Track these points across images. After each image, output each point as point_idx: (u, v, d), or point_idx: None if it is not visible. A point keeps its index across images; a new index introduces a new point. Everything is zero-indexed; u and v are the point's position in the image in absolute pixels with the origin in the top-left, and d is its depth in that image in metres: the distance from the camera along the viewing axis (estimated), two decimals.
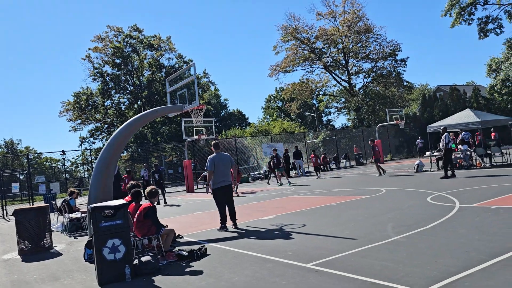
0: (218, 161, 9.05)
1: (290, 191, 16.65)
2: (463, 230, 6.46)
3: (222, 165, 9.07)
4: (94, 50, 48.43)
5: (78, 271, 6.73)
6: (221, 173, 9.04)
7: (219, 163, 9.05)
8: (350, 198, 12.05)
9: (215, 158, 9.09)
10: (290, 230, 8.11)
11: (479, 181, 12.89)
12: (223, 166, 9.08)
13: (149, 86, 49.63)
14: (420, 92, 52.65)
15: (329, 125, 74.81)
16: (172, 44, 51.57)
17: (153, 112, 10.96)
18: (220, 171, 9.04)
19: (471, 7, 37.00)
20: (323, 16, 47.04)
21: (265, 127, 55.00)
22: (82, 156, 52.63)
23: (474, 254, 5.12)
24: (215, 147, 9.34)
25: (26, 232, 8.98)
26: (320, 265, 5.38)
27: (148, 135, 48.62)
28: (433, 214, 8.04)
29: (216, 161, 9.04)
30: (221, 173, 9.05)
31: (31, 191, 22.60)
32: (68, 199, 12.04)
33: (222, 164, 9.07)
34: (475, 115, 19.05)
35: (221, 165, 9.05)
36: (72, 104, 48.67)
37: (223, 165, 9.08)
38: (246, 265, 5.85)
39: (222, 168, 9.07)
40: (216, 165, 9.02)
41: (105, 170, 9.25)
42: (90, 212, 5.96)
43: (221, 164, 9.07)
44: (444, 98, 40.79)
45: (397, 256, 5.39)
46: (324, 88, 51.37)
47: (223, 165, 9.09)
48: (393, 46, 46.07)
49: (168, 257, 6.68)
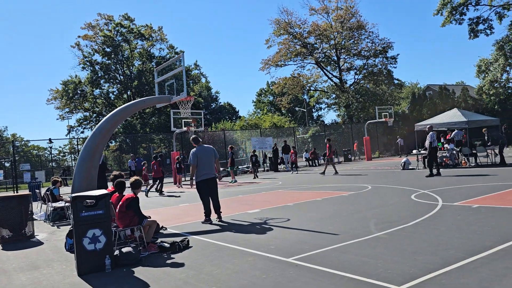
0: (200, 155, 9.04)
1: (277, 185, 16.68)
2: (444, 228, 6.52)
3: (205, 158, 9.05)
4: (84, 38, 47.91)
5: (58, 260, 6.66)
6: (204, 166, 9.02)
7: (202, 156, 9.03)
8: (335, 194, 12.10)
9: (198, 151, 9.07)
10: (274, 224, 8.12)
11: (463, 180, 13.04)
12: (206, 159, 9.06)
13: (139, 76, 49.28)
14: (410, 90, 53.00)
15: (319, 120, 75.03)
16: (163, 35, 51.26)
17: (140, 102, 10.85)
18: (204, 164, 9.01)
19: (463, 7, 37.26)
20: (316, 11, 47.01)
21: (255, 121, 54.97)
22: (70, 145, 52.17)
23: (453, 251, 5.18)
24: (195, 141, 9.37)
25: (7, 220, 8.86)
26: (301, 260, 5.39)
27: (137, 126, 48.33)
28: (416, 212, 8.10)
29: (199, 154, 9.03)
30: (205, 166, 9.02)
31: (15, 179, 22.32)
32: (51, 188, 11.91)
33: (205, 157, 9.05)
34: (462, 115, 19.23)
35: (204, 158, 9.03)
36: (60, 92, 48.12)
37: (206, 158, 9.06)
38: (227, 258, 5.84)
39: (205, 161, 9.04)
40: (199, 158, 9.01)
41: (89, 160, 9.13)
42: (71, 201, 5.89)
43: (204, 157, 9.05)
44: (434, 97, 41.14)
45: (378, 252, 5.42)
46: (315, 83, 51.50)
47: (206, 158, 9.07)
48: (385, 44, 46.26)
49: (150, 248, 6.64)
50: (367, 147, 32.51)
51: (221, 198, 11.94)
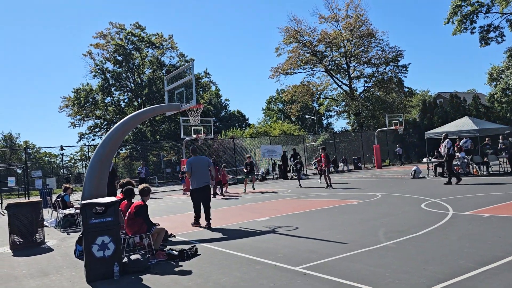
0: (194, 164, 9.67)
1: (286, 194, 16.64)
2: (454, 238, 6.45)
3: (200, 167, 9.67)
4: (95, 46, 48.41)
5: (67, 267, 6.71)
6: (198, 175, 9.63)
7: (196, 165, 9.65)
8: (344, 202, 12.04)
9: (193, 161, 9.74)
10: (283, 233, 8.09)
11: (475, 189, 12.88)
12: (201, 168, 9.67)
13: (149, 84, 49.61)
14: (420, 98, 52.68)
15: (329, 128, 74.83)
16: (174, 43, 51.58)
17: (150, 110, 10.94)
18: (198, 173, 9.63)
19: (473, 15, 37.06)
20: (325, 20, 47.07)
21: (265, 128, 55.00)
22: (81, 152, 52.64)
23: (463, 262, 5.11)
24: (193, 151, 10.10)
25: (18, 227, 8.97)
26: (309, 269, 5.36)
27: (147, 133, 48.62)
28: (426, 221, 8.02)
29: (193, 163, 9.67)
30: (199, 174, 9.63)
31: (27, 186, 22.57)
32: (62, 195, 12.02)
33: (199, 166, 9.67)
34: (473, 123, 19.08)
35: (198, 167, 9.65)
36: (72, 100, 48.61)
37: (200, 167, 9.67)
38: (235, 266, 5.84)
39: (200, 170, 9.65)
40: (193, 167, 9.64)
41: (99, 167, 9.20)
42: (81, 208, 5.95)
43: (198, 166, 9.66)
44: (444, 105, 40.82)
45: (386, 262, 5.38)
46: (325, 91, 51.41)
47: (200, 167, 9.68)
48: (395, 52, 46.09)
49: (158, 256, 6.66)
50: (377, 155, 32.31)
51: (231, 206, 11.93)
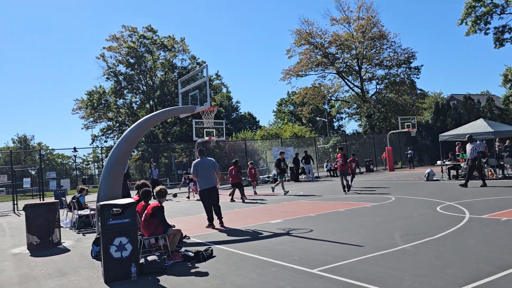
0: (200, 166, 9.94)
1: (299, 196, 16.60)
2: (472, 241, 6.38)
3: (205, 169, 9.92)
4: (108, 49, 48.96)
5: (85, 267, 6.79)
6: (204, 177, 9.88)
7: (201, 168, 9.92)
8: (359, 205, 11.97)
9: (198, 163, 10.03)
10: (297, 235, 8.08)
11: (491, 192, 12.72)
12: (206, 170, 9.92)
13: (161, 86, 49.96)
14: (433, 100, 52.20)
15: (340, 130, 74.52)
16: (185, 46, 51.90)
17: (164, 112, 11.01)
18: (204, 175, 9.88)
19: (487, 16, 36.63)
20: (337, 22, 46.99)
21: (276, 130, 54.96)
22: (93, 154, 53.16)
23: (482, 266, 5.06)
24: (200, 153, 10.30)
25: (36, 227, 9.08)
26: (325, 271, 5.35)
27: (159, 135, 48.92)
28: (442, 224, 7.95)
29: (198, 166, 9.95)
30: (205, 176, 9.88)
31: (42, 187, 22.86)
32: (77, 196, 12.15)
33: (204, 168, 9.92)
34: (488, 125, 18.81)
35: (204, 170, 9.91)
36: (85, 102, 49.19)
37: (206, 169, 9.92)
38: (251, 268, 5.85)
39: (206, 172, 9.90)
40: (199, 169, 9.91)
41: (115, 168, 9.30)
42: (99, 209, 6.01)
43: (204, 168, 9.93)
44: (458, 107, 40.37)
45: (404, 265, 5.34)
46: (336, 93, 51.29)
47: (206, 169, 9.93)
48: (408, 54, 45.79)
49: (174, 257, 6.70)
50: (389, 158, 32.06)
51: (244, 208, 11.88)
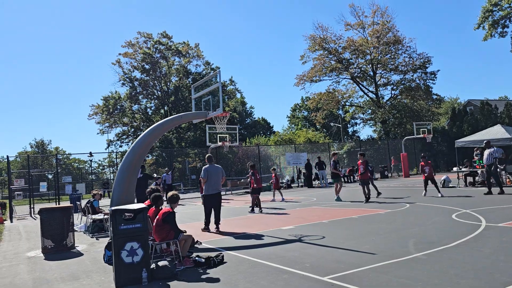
0: (210, 171, 10.38)
1: (311, 202, 16.50)
2: (488, 250, 6.24)
3: (214, 175, 10.37)
4: (124, 55, 49.62)
5: (97, 272, 6.83)
6: (213, 182, 10.33)
7: (212, 173, 10.36)
8: (372, 212, 11.84)
9: (209, 168, 10.46)
10: (309, 242, 8.02)
11: (508, 199, 12.45)
12: (215, 176, 10.38)
13: (176, 92, 50.36)
14: (449, 105, 51.51)
15: (355, 136, 73.97)
16: (200, 51, 52.29)
17: (177, 118, 11.08)
18: (212, 180, 10.33)
19: (505, 20, 36.07)
20: (351, 27, 46.77)
21: (290, 136, 54.82)
22: (109, 159, 53.68)
23: (498, 276, 4.94)
24: (209, 160, 10.75)
25: (50, 231, 9.20)
26: (336, 279, 5.29)
27: (173, 140, 49.24)
28: (457, 232, 7.80)
29: (209, 171, 10.38)
30: (213, 182, 10.34)
31: (58, 191, 23.17)
32: (91, 201, 12.29)
33: (214, 174, 10.38)
34: (506, 131, 18.47)
35: (213, 175, 10.36)
36: (101, 107, 49.85)
37: (215, 175, 10.38)
38: (262, 275, 5.81)
39: (215, 178, 10.36)
40: (209, 175, 10.34)
41: (129, 173, 9.38)
42: (111, 214, 6.06)
43: (213, 174, 10.37)
44: (475, 113, 39.76)
45: (417, 274, 5.24)
46: (350, 99, 50.96)
47: (215, 175, 10.39)
48: (423, 59, 45.29)
49: (185, 263, 6.70)
50: (404, 164, 31.69)
51: (256, 214, 11.86)
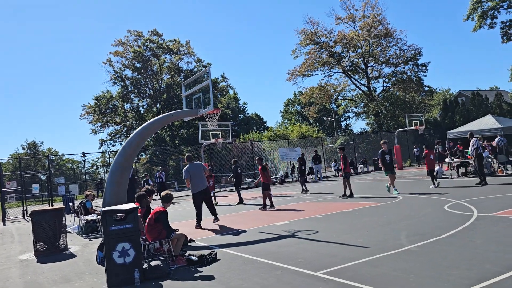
0: (192, 170, 10.54)
1: (305, 196, 16.52)
2: (479, 241, 6.27)
3: (196, 173, 10.54)
4: (114, 54, 49.22)
5: (89, 273, 6.79)
6: (197, 180, 10.49)
7: (193, 172, 10.53)
8: (365, 205, 11.87)
9: (189, 168, 10.63)
10: (303, 237, 8.02)
11: (500, 189, 12.54)
12: (197, 174, 10.54)
13: (168, 90, 50.13)
14: (441, 97, 51.76)
15: (348, 129, 74.21)
16: (191, 48, 52.03)
17: (168, 116, 11.03)
18: (196, 178, 10.49)
19: (494, 11, 36.25)
20: (342, 20, 46.78)
21: (283, 131, 54.85)
22: (102, 158, 53.46)
23: (489, 266, 4.96)
24: (188, 159, 10.94)
25: (42, 233, 9.13)
26: (329, 274, 5.29)
27: (166, 138, 49.06)
28: (449, 223, 7.84)
29: (190, 170, 10.54)
30: (197, 180, 10.50)
31: (50, 192, 23.00)
32: (84, 201, 12.21)
33: (196, 172, 10.54)
34: (496, 121, 18.60)
35: (195, 173, 10.53)
36: (93, 107, 49.51)
37: (197, 173, 10.54)
38: (255, 272, 5.80)
39: (198, 175, 10.52)
40: (191, 174, 10.50)
41: (120, 174, 9.30)
42: (101, 215, 6.01)
43: (195, 172, 10.54)
44: (466, 104, 40.00)
45: (409, 266, 5.26)
46: (343, 92, 51.05)
47: (197, 172, 10.55)
48: (414, 51, 45.45)
49: (178, 261, 6.67)
50: (397, 156, 31.82)
51: (250, 210, 11.86)
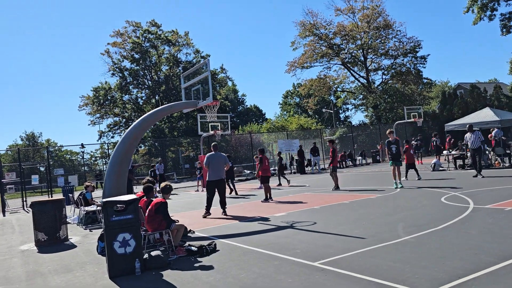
0: (212, 159, 10.73)
1: (304, 188, 16.63)
2: (474, 232, 6.37)
3: (217, 162, 10.70)
4: (113, 45, 49.01)
5: (90, 263, 6.88)
6: (215, 169, 10.63)
7: (214, 161, 10.70)
8: (363, 197, 11.98)
9: (209, 156, 10.80)
10: (301, 228, 8.12)
11: (496, 181, 12.65)
12: (218, 164, 10.70)
13: (166, 81, 50.03)
14: (440, 89, 51.77)
15: (347, 121, 74.25)
16: (189, 40, 51.83)
17: (167, 108, 11.08)
18: (214, 168, 10.64)
19: (494, 3, 36.15)
20: (341, 12, 46.66)
21: (282, 123, 54.88)
22: (101, 150, 53.50)
23: (483, 256, 5.06)
24: (214, 148, 11.08)
25: (43, 224, 9.21)
26: (327, 264, 5.38)
27: (165, 130, 49.06)
28: (445, 215, 7.94)
29: (211, 159, 10.73)
30: (215, 169, 10.64)
31: (50, 183, 23.09)
32: (84, 192, 12.29)
33: (216, 162, 10.70)
34: (494, 114, 18.67)
35: (216, 163, 10.68)
36: (91, 98, 49.41)
37: (217, 163, 10.70)
38: (253, 262, 5.90)
39: (217, 165, 10.67)
40: (211, 162, 10.68)
41: (119, 164, 9.37)
42: (102, 206, 6.08)
43: (216, 162, 10.70)
44: (465, 96, 40.03)
45: (405, 257, 5.35)
46: (342, 84, 51.07)
47: (218, 163, 10.71)
48: (413, 43, 45.37)
49: (178, 252, 6.77)
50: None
51: (249, 201, 11.91)
